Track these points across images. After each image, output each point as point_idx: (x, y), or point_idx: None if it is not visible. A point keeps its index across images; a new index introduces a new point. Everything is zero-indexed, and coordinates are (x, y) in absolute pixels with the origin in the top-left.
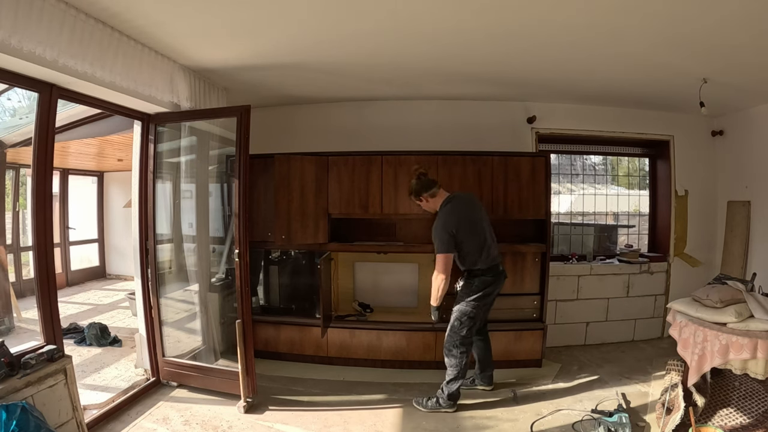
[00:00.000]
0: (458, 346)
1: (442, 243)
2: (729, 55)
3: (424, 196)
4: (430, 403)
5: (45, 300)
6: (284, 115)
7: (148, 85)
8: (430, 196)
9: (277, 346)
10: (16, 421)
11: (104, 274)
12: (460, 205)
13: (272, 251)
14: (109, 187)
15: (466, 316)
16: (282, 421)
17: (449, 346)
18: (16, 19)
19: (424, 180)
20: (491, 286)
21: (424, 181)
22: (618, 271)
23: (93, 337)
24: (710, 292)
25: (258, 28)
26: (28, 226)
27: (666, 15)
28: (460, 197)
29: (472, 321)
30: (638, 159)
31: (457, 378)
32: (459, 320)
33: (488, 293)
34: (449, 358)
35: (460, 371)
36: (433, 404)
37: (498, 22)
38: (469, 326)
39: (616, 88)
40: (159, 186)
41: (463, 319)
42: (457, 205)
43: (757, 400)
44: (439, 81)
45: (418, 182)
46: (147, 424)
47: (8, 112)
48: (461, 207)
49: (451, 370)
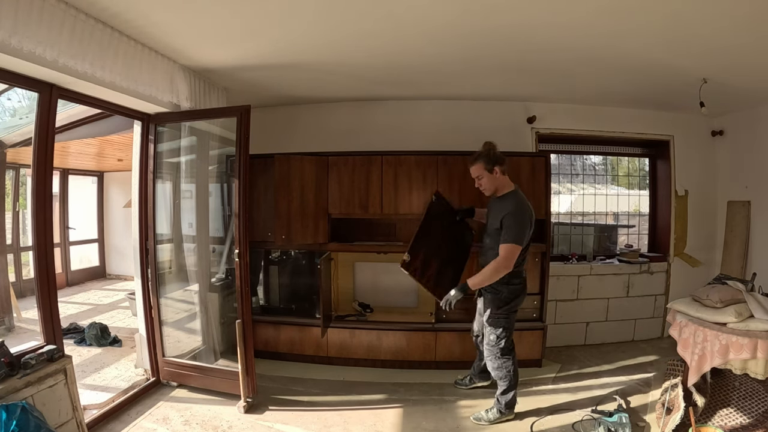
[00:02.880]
0: (500, 357)
1: (519, 235)
2: (729, 56)
3: (497, 169)
4: (491, 414)
5: (45, 300)
6: (284, 115)
7: (148, 85)
8: (503, 172)
9: (277, 346)
10: (16, 421)
11: (104, 274)
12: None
13: (272, 251)
14: (109, 187)
15: (501, 328)
16: (282, 421)
17: (492, 359)
18: (16, 19)
19: (498, 153)
20: (521, 295)
21: (500, 154)
22: (618, 271)
23: (93, 337)
24: (710, 292)
25: (258, 29)
26: (28, 226)
27: (666, 16)
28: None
29: (508, 332)
30: (638, 159)
31: (510, 388)
32: (495, 334)
33: (518, 303)
34: (496, 371)
35: (511, 380)
36: (494, 414)
37: (498, 22)
38: (506, 336)
39: (616, 88)
40: (159, 186)
41: (499, 332)
42: (528, 204)
43: (757, 400)
44: (439, 81)
45: (493, 151)
46: (147, 424)
47: (8, 112)
48: (530, 206)
49: (501, 383)
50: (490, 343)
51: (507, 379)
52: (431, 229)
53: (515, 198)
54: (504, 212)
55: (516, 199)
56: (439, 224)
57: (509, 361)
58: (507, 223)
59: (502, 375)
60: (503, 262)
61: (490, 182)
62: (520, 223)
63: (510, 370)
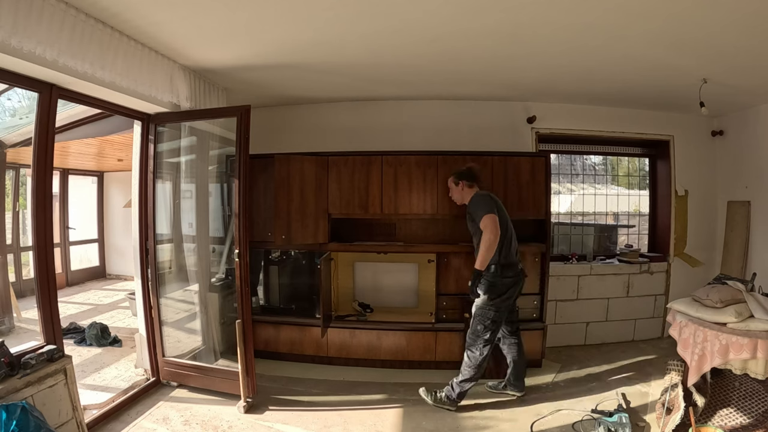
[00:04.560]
0: (480, 348)
1: (486, 207)
2: (730, 56)
3: (462, 183)
4: (439, 395)
5: (45, 300)
6: (284, 115)
7: (148, 85)
8: (468, 186)
9: (277, 346)
10: (16, 421)
11: (104, 274)
12: (493, 196)
13: (272, 251)
14: (109, 187)
15: (489, 319)
16: (282, 421)
17: (471, 346)
18: (16, 19)
19: (471, 171)
20: (513, 288)
21: (472, 173)
22: (618, 271)
23: (93, 337)
24: (710, 292)
25: (258, 29)
26: (28, 226)
27: (667, 17)
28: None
29: (496, 324)
30: (638, 159)
31: (471, 379)
32: (482, 324)
33: (510, 295)
34: (470, 358)
35: (476, 373)
36: (441, 398)
37: (499, 22)
38: (493, 329)
39: (617, 88)
40: (159, 186)
41: (486, 322)
42: (490, 195)
43: (757, 400)
44: (439, 81)
45: (466, 170)
46: (147, 424)
47: (8, 112)
48: (494, 197)
49: (467, 370)
50: (476, 332)
51: (473, 369)
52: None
53: (476, 196)
54: (469, 207)
55: (476, 196)
56: None
57: (482, 358)
58: (473, 209)
59: (472, 364)
60: (488, 234)
61: (457, 194)
62: (482, 202)
63: (480, 364)
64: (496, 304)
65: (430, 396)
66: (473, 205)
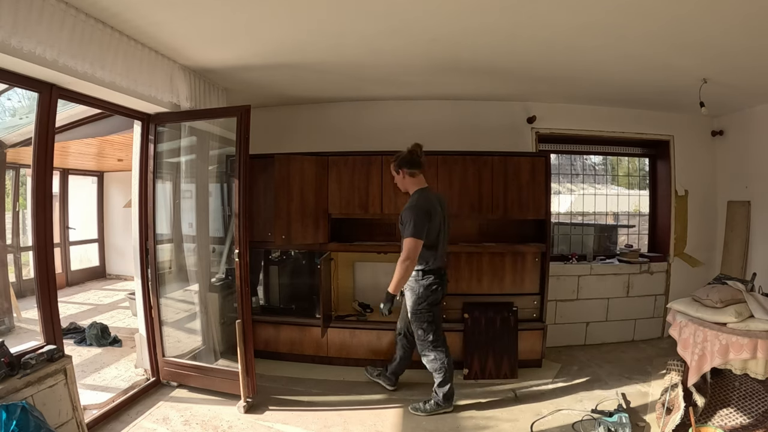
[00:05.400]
0: (432, 350)
1: (416, 227)
2: (730, 56)
3: (404, 171)
4: (428, 406)
5: (45, 300)
6: (284, 115)
7: (148, 85)
8: (410, 174)
9: (277, 346)
10: (16, 421)
11: (104, 274)
12: (435, 197)
13: (272, 251)
14: (109, 187)
15: (426, 322)
16: (282, 421)
17: (424, 352)
18: (16, 19)
19: (414, 157)
20: (437, 293)
21: (412, 158)
22: (618, 271)
23: (93, 337)
24: (710, 292)
25: (258, 29)
26: (28, 226)
27: (667, 17)
28: (434, 192)
29: (434, 324)
30: (638, 159)
31: (446, 380)
32: (422, 329)
33: (435, 298)
34: (430, 363)
35: (446, 372)
36: (431, 406)
37: (499, 22)
38: (433, 330)
39: (617, 88)
40: (159, 186)
41: (424, 326)
42: (432, 196)
43: (757, 400)
44: (439, 81)
45: (407, 154)
46: (147, 424)
47: (8, 112)
48: (435, 199)
49: (437, 375)
50: (420, 337)
51: (442, 371)
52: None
53: (416, 195)
54: (403, 210)
55: (415, 196)
56: None
57: (442, 354)
58: (404, 219)
59: (437, 367)
60: (405, 257)
61: (399, 182)
62: (415, 216)
63: (444, 362)
64: (426, 305)
65: (420, 410)
66: (407, 211)
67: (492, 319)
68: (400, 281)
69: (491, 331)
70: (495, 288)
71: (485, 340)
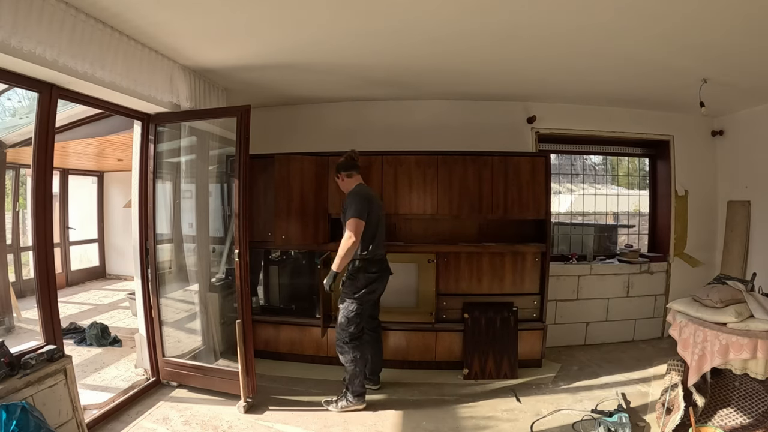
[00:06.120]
0: (348, 342)
1: (357, 210)
2: (730, 56)
3: (342, 174)
4: (341, 404)
5: (45, 300)
6: (284, 115)
7: (148, 85)
8: (347, 176)
9: (277, 346)
10: (16, 421)
11: (104, 274)
12: (371, 192)
13: (272, 251)
14: (109, 187)
15: (353, 312)
16: (282, 421)
17: (340, 343)
18: (16, 19)
19: (349, 161)
20: (376, 282)
21: (348, 162)
22: (618, 271)
23: (93, 337)
24: (710, 292)
25: (258, 29)
26: (28, 226)
27: (667, 18)
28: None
29: (359, 317)
30: (638, 159)
31: (356, 374)
32: (346, 317)
33: (373, 290)
34: (343, 355)
35: (357, 367)
36: (343, 404)
37: (499, 22)
38: (357, 322)
39: (617, 88)
40: (159, 186)
41: (350, 316)
42: (369, 190)
43: (757, 400)
44: (439, 81)
45: (344, 160)
46: (147, 424)
47: (8, 112)
48: (371, 193)
49: (348, 367)
50: (341, 325)
51: (354, 364)
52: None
53: (355, 188)
54: (344, 201)
55: (355, 188)
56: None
57: (356, 348)
58: (346, 205)
59: (349, 359)
60: (349, 235)
61: (341, 185)
62: (355, 201)
63: (356, 356)
64: (359, 297)
65: (333, 405)
66: (348, 198)
67: (492, 319)
68: (343, 259)
69: (491, 331)
70: (495, 288)
71: (485, 340)
